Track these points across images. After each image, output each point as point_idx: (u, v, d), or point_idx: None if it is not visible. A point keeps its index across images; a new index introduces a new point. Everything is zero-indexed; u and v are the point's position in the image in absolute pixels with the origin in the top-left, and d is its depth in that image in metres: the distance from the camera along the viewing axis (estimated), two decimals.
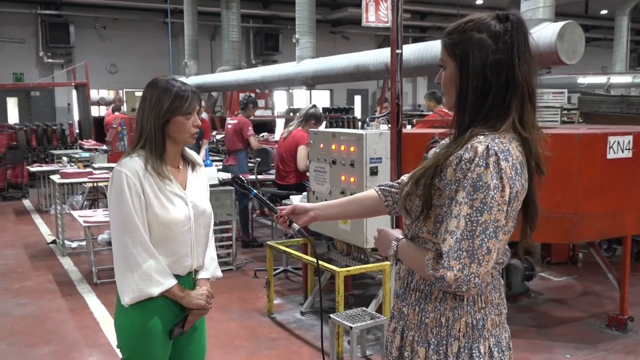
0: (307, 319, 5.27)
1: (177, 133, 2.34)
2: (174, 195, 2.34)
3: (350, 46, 18.75)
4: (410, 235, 1.82)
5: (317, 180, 5.17)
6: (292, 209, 2.13)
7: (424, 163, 1.74)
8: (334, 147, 4.92)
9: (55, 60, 18.25)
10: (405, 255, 1.80)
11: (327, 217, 2.15)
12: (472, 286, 1.60)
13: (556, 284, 6.32)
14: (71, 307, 5.68)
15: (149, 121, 2.32)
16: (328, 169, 5.00)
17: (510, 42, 1.66)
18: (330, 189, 4.98)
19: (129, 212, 2.24)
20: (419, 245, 1.78)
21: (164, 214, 2.29)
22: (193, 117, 2.35)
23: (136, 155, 2.33)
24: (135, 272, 2.26)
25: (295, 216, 2.13)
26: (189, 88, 2.35)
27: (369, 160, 4.65)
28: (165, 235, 2.31)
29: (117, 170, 2.29)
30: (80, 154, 11.46)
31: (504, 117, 1.67)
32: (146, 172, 2.29)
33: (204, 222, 2.43)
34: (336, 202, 2.14)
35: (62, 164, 9.94)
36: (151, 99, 2.32)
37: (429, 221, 1.73)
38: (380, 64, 7.67)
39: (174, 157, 2.40)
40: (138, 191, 2.26)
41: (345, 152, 4.80)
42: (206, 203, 2.46)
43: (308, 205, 2.15)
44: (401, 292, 1.86)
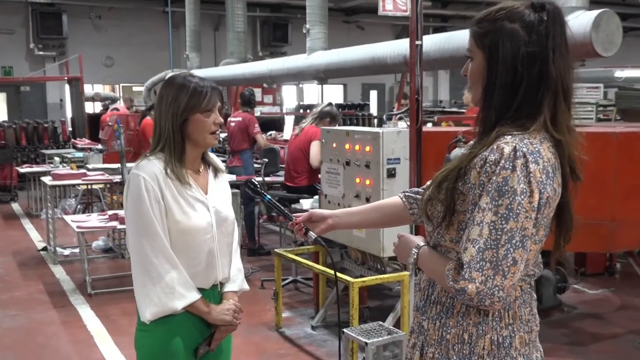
0: (318, 333, 5.27)
1: (196, 133, 2.34)
2: (195, 201, 2.35)
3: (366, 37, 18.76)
4: (432, 243, 1.82)
5: (329, 183, 5.17)
6: (308, 216, 2.14)
7: (447, 165, 1.74)
8: (347, 146, 4.92)
9: (47, 52, 18.40)
10: (426, 264, 1.80)
11: (347, 226, 2.15)
12: (496, 300, 1.59)
13: (591, 297, 6.28)
14: (63, 320, 5.72)
15: (166, 121, 2.33)
16: (341, 171, 5.00)
17: (545, 33, 1.65)
18: (344, 192, 4.98)
19: (148, 218, 2.24)
20: (440, 253, 1.78)
21: (184, 221, 2.29)
22: (214, 115, 2.35)
23: (155, 158, 2.33)
24: (158, 284, 2.25)
25: (312, 224, 2.13)
26: (207, 83, 2.36)
27: (386, 161, 4.65)
28: (186, 243, 2.31)
29: (135, 174, 2.29)
30: (73, 153, 11.53)
31: (535, 116, 1.67)
32: (166, 177, 2.30)
33: (227, 230, 2.44)
34: (357, 210, 2.15)
35: (54, 165, 10.02)
36: (167, 98, 2.33)
37: (452, 228, 1.73)
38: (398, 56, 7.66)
39: (194, 160, 2.41)
40: (157, 196, 2.26)
41: (360, 152, 4.80)
42: (229, 209, 2.47)
43: (326, 212, 2.15)
44: (421, 305, 1.86)
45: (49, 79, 17.61)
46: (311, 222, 2.13)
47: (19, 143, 13.69)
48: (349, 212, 2.14)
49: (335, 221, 2.12)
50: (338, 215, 2.13)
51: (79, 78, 14.88)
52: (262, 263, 7.51)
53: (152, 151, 2.37)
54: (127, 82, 19.73)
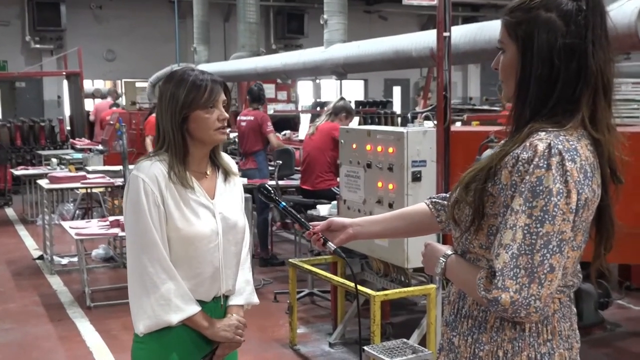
0: (336, 351, 5.27)
1: (199, 131, 2.35)
2: (199, 206, 2.36)
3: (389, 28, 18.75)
4: (460, 250, 1.82)
5: (348, 187, 5.18)
6: (327, 225, 2.14)
7: (474, 165, 1.74)
8: (369, 147, 4.92)
9: (44, 45, 18.55)
10: (455, 274, 1.80)
11: (369, 235, 2.16)
12: (533, 311, 1.58)
13: (637, 313, 6.23)
14: (60, 334, 5.76)
15: (166, 120, 2.34)
16: (362, 174, 5.00)
17: (584, 24, 1.65)
18: (365, 197, 4.98)
19: (145, 225, 2.26)
20: (470, 262, 1.78)
21: (186, 228, 2.31)
22: (217, 111, 2.36)
23: (158, 159, 2.35)
24: (152, 295, 2.27)
25: (331, 233, 2.14)
26: (208, 77, 2.36)
27: (410, 163, 4.64)
28: (187, 253, 2.32)
29: (134, 176, 2.31)
30: (72, 154, 11.63)
31: (572, 113, 1.67)
32: (169, 180, 2.31)
33: (235, 238, 2.44)
34: (380, 218, 2.15)
35: (51, 167, 10.10)
36: (166, 95, 2.35)
37: (481, 233, 1.73)
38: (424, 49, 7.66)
39: (200, 161, 2.42)
40: (157, 200, 2.28)
41: (382, 154, 4.80)
42: (238, 215, 2.47)
43: (347, 221, 2.15)
44: (451, 320, 1.85)
45: (46, 74, 17.77)
46: (330, 231, 2.14)
47: (14, 143, 13.82)
48: (371, 220, 2.15)
49: (357, 230, 2.13)
50: (359, 224, 2.14)
51: (78, 73, 14.97)
52: (276, 274, 7.52)
53: (156, 151, 2.38)
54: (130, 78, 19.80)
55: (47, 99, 18.69)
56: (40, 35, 18.51)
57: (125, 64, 19.28)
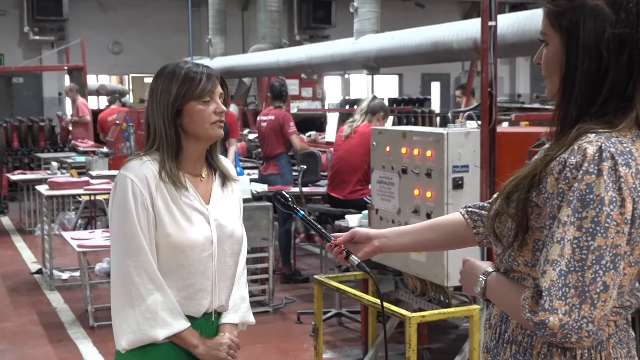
0: None
1: (193, 125, 2.38)
2: (193, 211, 2.39)
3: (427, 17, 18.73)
4: (502, 268, 1.82)
5: (381, 195, 5.18)
6: (350, 236, 2.15)
7: (518, 172, 1.75)
8: (404, 151, 4.92)
9: (44, 37, 18.78)
10: (496, 295, 1.80)
11: (397, 248, 2.16)
12: (585, 335, 1.57)
13: None
14: (61, 357, 5.82)
15: (158, 116, 2.38)
16: (396, 181, 5.01)
17: (636, 12, 1.65)
18: (399, 206, 4.99)
19: (132, 230, 2.29)
20: (513, 281, 1.78)
21: (177, 234, 2.33)
22: (213, 103, 2.40)
23: (148, 157, 2.39)
24: (138, 307, 2.30)
25: (355, 246, 2.14)
26: (203, 69, 2.41)
27: (451, 169, 4.63)
28: (178, 262, 2.35)
29: (122, 176, 2.35)
30: (74, 158, 11.72)
31: (625, 112, 1.67)
32: (159, 181, 2.34)
33: (231, 249, 2.47)
34: (409, 229, 2.15)
35: (52, 171, 10.19)
36: (157, 91, 2.40)
37: (526, 249, 1.73)
38: (466, 41, 7.65)
39: (195, 162, 2.45)
40: (146, 203, 2.31)
41: (419, 158, 4.80)
42: (236, 224, 2.50)
43: (372, 232, 2.15)
44: (492, 346, 1.86)
45: (46, 69, 17.98)
46: (354, 243, 2.15)
47: (10, 145, 13.98)
48: (399, 231, 2.16)
49: (383, 243, 2.14)
50: (386, 236, 2.14)
51: (81, 68, 15.11)
52: (299, 292, 7.54)
53: (146, 151, 2.42)
54: (138, 73, 20.02)
55: (47, 97, 18.90)
56: (40, 26, 18.73)
57: (133, 57, 19.43)
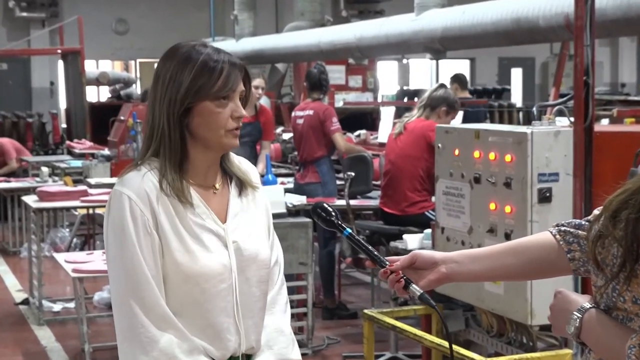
0: None
1: (204, 129, 2.36)
2: (205, 232, 2.39)
3: None
4: (603, 304, 1.81)
5: (448, 210, 5.16)
6: (410, 260, 2.16)
7: (628, 184, 1.74)
8: (477, 154, 4.92)
9: (33, 14, 18.96)
10: (595, 338, 1.79)
11: (470, 276, 2.17)
12: None
13: None
14: None
15: (160, 110, 2.36)
16: (467, 191, 5.00)
17: None
18: (471, 224, 4.98)
19: (134, 259, 2.30)
20: (617, 321, 1.77)
21: (188, 262, 2.34)
22: (232, 105, 2.38)
23: (147, 167, 2.38)
24: (150, 352, 2.30)
25: (416, 272, 2.15)
26: (225, 57, 2.38)
27: (536, 177, 4.62)
28: (191, 297, 2.36)
29: (117, 192, 2.35)
30: (68, 162, 11.82)
31: None
32: (161, 194, 2.34)
33: (257, 275, 2.47)
34: (485, 252, 2.16)
35: (41, 178, 10.29)
36: (164, 77, 2.37)
37: (635, 282, 1.73)
38: (556, 16, 7.60)
39: (206, 170, 2.44)
40: (148, 225, 2.32)
41: (496, 164, 4.79)
42: (260, 243, 2.50)
43: (437, 255, 2.16)
44: None
45: (35, 53, 18.14)
46: (414, 269, 2.16)
47: None
48: (472, 255, 2.17)
49: (451, 269, 2.14)
50: (455, 260, 2.15)
51: (78, 51, 15.18)
52: (345, 330, 7.53)
53: (142, 157, 2.42)
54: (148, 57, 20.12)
55: (37, 86, 19.09)
56: (28, 1, 18.91)
57: (142, 38, 19.57)
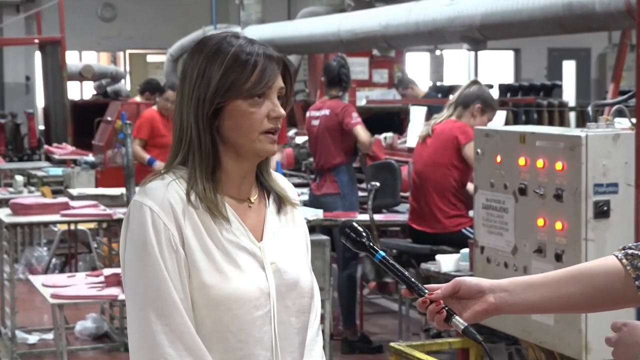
0: None
1: (235, 133, 2.39)
2: (239, 250, 2.41)
3: None
4: None
5: (488, 226, 5.19)
6: (453, 288, 2.18)
7: None
8: (522, 161, 4.94)
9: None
10: None
11: (523, 307, 2.19)
12: None
13: None
14: None
15: (188, 112, 2.39)
16: (511, 204, 5.01)
17: None
18: (515, 243, 4.99)
19: (158, 279, 2.32)
20: None
21: (219, 285, 2.35)
22: (269, 103, 2.40)
23: (171, 175, 2.42)
24: None
25: (459, 302, 2.18)
26: (260, 49, 2.40)
27: (592, 188, 4.64)
28: (222, 325, 2.36)
29: (138, 204, 2.37)
30: (46, 169, 11.87)
31: None
32: (188, 207, 2.37)
33: (298, 304, 2.48)
34: (540, 279, 2.18)
35: (15, 188, 10.33)
36: (192, 74, 2.40)
37: None
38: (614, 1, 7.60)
39: (240, 181, 2.47)
40: (173, 240, 2.34)
41: (545, 173, 4.81)
42: (301, 268, 2.52)
43: (484, 283, 2.19)
44: None
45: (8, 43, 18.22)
46: (457, 298, 2.18)
47: None
48: (525, 282, 2.19)
49: (501, 299, 2.17)
50: (505, 289, 2.18)
51: (58, 40, 15.26)
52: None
53: (169, 165, 2.45)
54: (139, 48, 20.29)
55: (10, 82, 19.20)
56: None
57: (131, 26, 19.66)
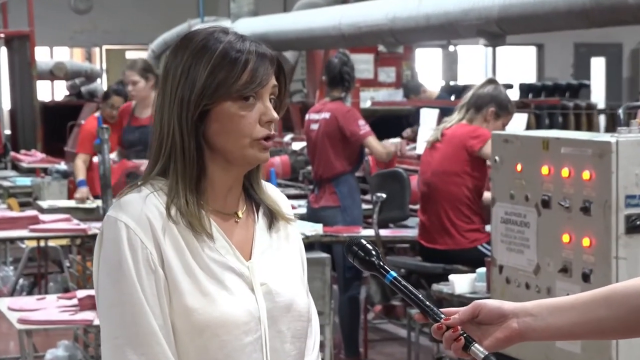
0: None
1: (223, 138, 2.40)
2: (225, 270, 2.42)
3: None
4: None
5: (508, 243, 5.22)
6: (472, 313, 2.21)
7: None
8: (545, 170, 4.96)
9: None
10: None
11: (549, 333, 2.22)
12: None
13: None
14: None
15: (170, 115, 2.40)
16: (532, 218, 5.04)
17: None
18: (537, 261, 5.02)
19: (135, 305, 2.33)
20: None
21: (204, 308, 2.37)
22: (260, 105, 2.41)
23: (150, 188, 2.43)
24: None
25: (479, 328, 2.21)
26: (251, 46, 2.41)
27: (623, 200, 4.65)
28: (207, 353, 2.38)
29: (111, 219, 2.38)
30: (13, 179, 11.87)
31: None
32: (168, 222, 2.38)
33: (292, 329, 2.51)
34: (568, 302, 2.22)
35: None
36: (175, 72, 2.41)
37: None
38: None
39: (226, 193, 2.49)
40: (151, 260, 2.35)
41: (571, 183, 4.83)
42: (297, 288, 2.54)
43: (507, 307, 2.21)
44: None
45: None
46: (477, 323, 2.20)
47: None
48: (552, 306, 2.22)
49: (526, 325, 2.19)
50: (531, 313, 2.20)
51: (27, 35, 15.29)
52: None
53: (147, 175, 2.46)
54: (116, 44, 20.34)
55: None
56: None
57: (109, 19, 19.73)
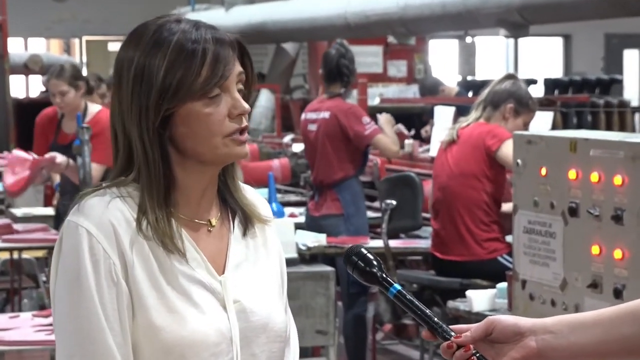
0: None
1: (192, 141, 2.44)
2: (196, 285, 2.46)
3: None
4: None
5: (531, 255, 5.26)
6: (485, 330, 2.25)
7: None
8: (573, 174, 5.00)
9: None
10: None
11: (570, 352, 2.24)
12: None
13: None
14: None
15: (130, 120, 2.42)
16: (559, 228, 5.09)
17: None
18: (564, 275, 5.07)
19: (92, 322, 2.35)
20: None
21: (171, 327, 2.39)
22: (227, 98, 2.44)
23: (116, 192, 2.46)
24: None
25: (493, 346, 2.25)
26: (207, 34, 2.43)
27: None
28: None
29: (71, 225, 2.41)
30: None
31: None
32: (137, 233, 2.41)
33: (267, 350, 2.55)
34: (592, 317, 2.26)
35: None
36: (128, 74, 2.43)
37: None
38: None
39: (199, 198, 2.52)
40: (114, 271, 2.37)
41: (601, 189, 4.86)
42: (272, 306, 2.58)
43: (523, 323, 2.25)
44: None
45: None
46: (491, 342, 2.25)
47: None
48: (574, 322, 2.27)
49: (545, 343, 2.23)
50: (551, 330, 2.24)
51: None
52: None
53: (113, 178, 2.50)
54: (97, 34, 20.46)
55: None
56: None
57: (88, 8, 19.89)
